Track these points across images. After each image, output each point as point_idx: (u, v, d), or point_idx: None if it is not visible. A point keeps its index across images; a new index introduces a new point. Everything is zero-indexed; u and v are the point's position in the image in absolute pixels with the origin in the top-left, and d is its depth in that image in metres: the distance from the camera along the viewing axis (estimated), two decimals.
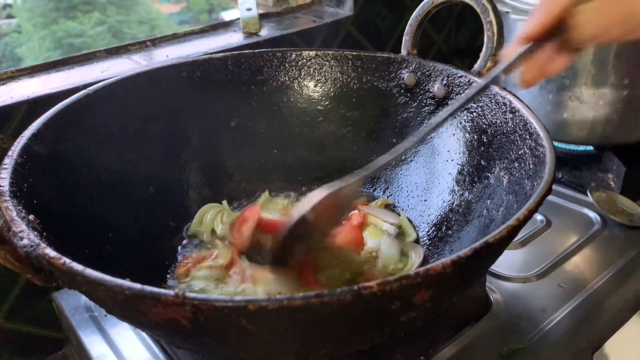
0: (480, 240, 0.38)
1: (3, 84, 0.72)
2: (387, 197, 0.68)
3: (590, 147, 0.83)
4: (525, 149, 0.52)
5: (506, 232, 0.39)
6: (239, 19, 0.88)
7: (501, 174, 0.56)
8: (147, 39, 0.84)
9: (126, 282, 0.35)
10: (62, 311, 0.63)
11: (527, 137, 0.52)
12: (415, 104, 0.67)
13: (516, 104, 0.56)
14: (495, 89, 0.59)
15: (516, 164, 0.53)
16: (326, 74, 0.71)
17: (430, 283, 0.36)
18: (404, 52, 0.69)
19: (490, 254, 0.42)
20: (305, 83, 0.71)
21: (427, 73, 0.66)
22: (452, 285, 0.40)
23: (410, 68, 0.67)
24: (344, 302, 0.33)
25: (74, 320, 0.61)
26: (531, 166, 0.50)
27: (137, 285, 0.34)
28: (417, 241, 0.63)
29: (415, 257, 0.60)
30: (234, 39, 0.85)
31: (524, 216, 0.40)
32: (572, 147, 0.84)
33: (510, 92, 0.57)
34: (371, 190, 0.70)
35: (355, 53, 0.70)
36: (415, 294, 0.36)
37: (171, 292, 0.34)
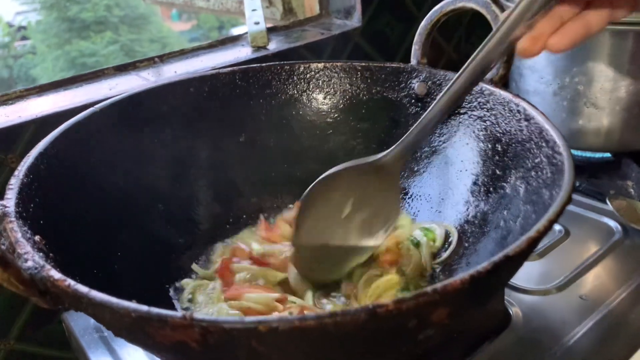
0: (500, 253, 0.36)
1: (12, 104, 0.72)
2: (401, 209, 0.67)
3: (608, 154, 0.82)
4: (542, 157, 0.51)
5: (526, 245, 0.37)
6: (247, 33, 0.88)
7: (517, 183, 0.54)
8: (155, 55, 0.84)
9: (132, 304, 0.33)
10: (71, 332, 0.62)
11: (544, 144, 0.51)
12: None
13: (530, 111, 0.54)
14: (508, 96, 0.58)
15: (533, 173, 0.52)
16: (335, 85, 0.70)
17: (448, 299, 0.34)
18: (413, 61, 0.67)
19: (510, 268, 0.41)
20: (314, 96, 0.70)
21: (437, 82, 0.65)
22: (471, 301, 0.38)
23: (421, 77, 0.66)
24: (358, 322, 0.32)
25: (84, 341, 0.60)
26: (549, 175, 0.49)
27: (144, 307, 0.33)
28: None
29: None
30: (242, 53, 0.85)
31: (544, 227, 0.39)
32: (589, 154, 0.83)
33: (523, 99, 0.56)
34: None
35: (364, 64, 0.69)
36: (433, 312, 0.35)
37: (179, 314, 0.32)
